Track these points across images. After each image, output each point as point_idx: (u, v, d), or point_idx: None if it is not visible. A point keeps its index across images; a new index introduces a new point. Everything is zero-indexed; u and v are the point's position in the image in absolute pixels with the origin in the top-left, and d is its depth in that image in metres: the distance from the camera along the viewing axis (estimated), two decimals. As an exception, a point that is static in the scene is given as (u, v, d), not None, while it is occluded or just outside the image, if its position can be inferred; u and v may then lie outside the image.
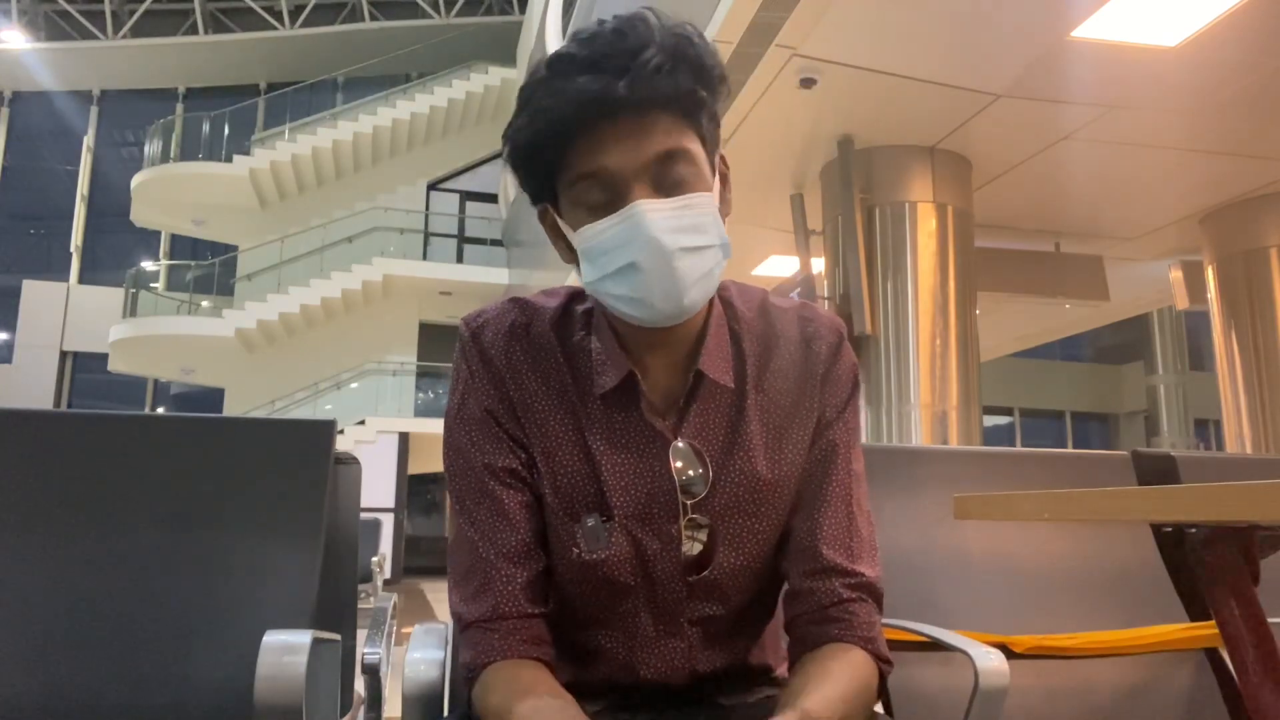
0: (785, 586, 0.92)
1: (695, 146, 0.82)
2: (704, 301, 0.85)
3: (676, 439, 0.87)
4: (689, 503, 0.87)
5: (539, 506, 0.89)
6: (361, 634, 1.53)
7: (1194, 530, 0.94)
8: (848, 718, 0.79)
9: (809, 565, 0.89)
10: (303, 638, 1.06)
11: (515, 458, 0.88)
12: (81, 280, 16.53)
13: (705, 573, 0.89)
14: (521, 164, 0.84)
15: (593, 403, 0.88)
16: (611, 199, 0.80)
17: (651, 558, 0.87)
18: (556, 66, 0.80)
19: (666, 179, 0.80)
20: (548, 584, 0.89)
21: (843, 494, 0.91)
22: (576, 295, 0.93)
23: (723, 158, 0.89)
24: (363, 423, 12.66)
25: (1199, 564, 0.94)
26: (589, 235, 0.81)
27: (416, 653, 1.06)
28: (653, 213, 0.79)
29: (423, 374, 14.49)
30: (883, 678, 0.88)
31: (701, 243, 0.81)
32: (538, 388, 0.89)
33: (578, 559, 0.87)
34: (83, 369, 16.03)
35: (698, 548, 0.88)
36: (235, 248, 15.15)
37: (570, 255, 0.86)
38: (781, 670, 0.99)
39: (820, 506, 0.90)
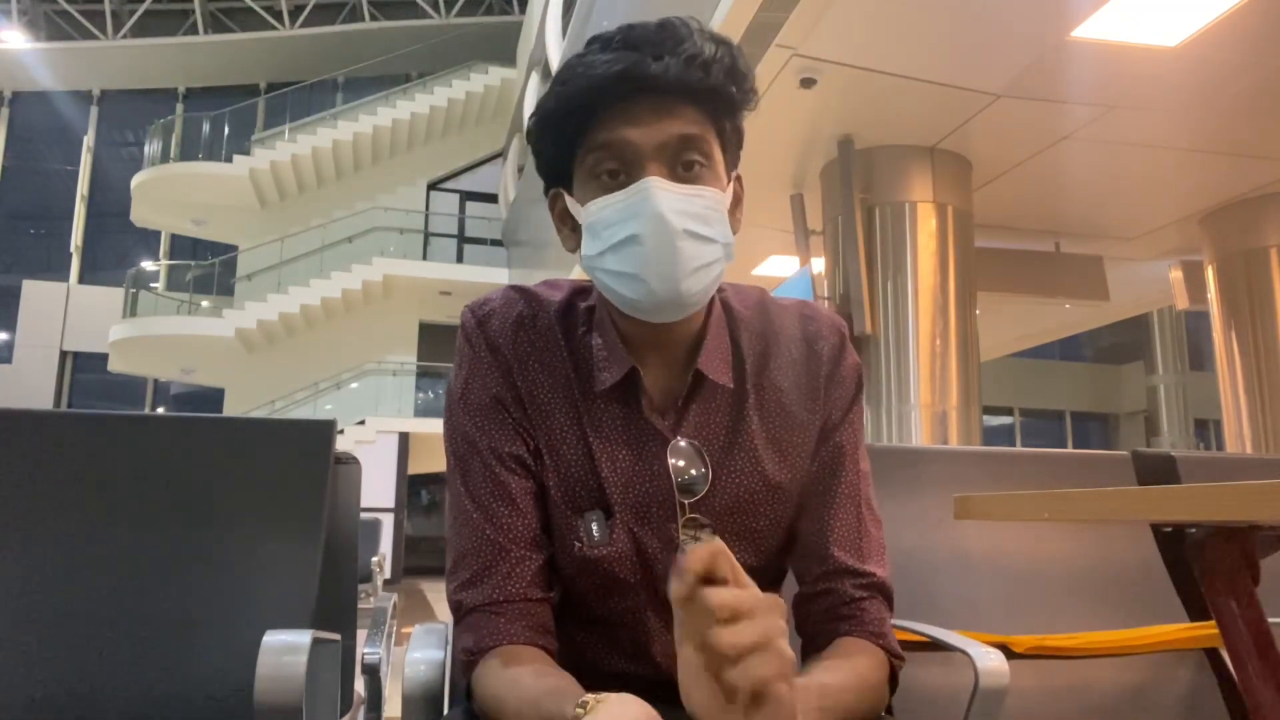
0: (796, 591, 0.92)
1: (714, 145, 0.83)
2: (701, 297, 0.84)
3: (676, 438, 0.87)
4: (687, 502, 0.87)
5: (543, 496, 0.89)
6: (361, 634, 1.54)
7: (1194, 530, 0.94)
8: (862, 698, 0.80)
9: (820, 567, 0.89)
10: (303, 638, 1.06)
11: (522, 445, 0.88)
12: (81, 280, 16.52)
13: None
14: (546, 132, 0.84)
15: (593, 399, 0.88)
16: (626, 173, 0.81)
17: (652, 556, 0.87)
18: (594, 45, 0.81)
19: (682, 165, 0.81)
20: (552, 573, 0.89)
21: (851, 495, 0.91)
22: (580, 291, 0.93)
23: (739, 178, 0.89)
24: (363, 423, 12.65)
25: (1199, 564, 0.94)
26: (597, 207, 0.81)
27: (416, 653, 1.06)
28: (663, 190, 0.79)
29: (423, 374, 14.48)
30: (894, 673, 0.88)
31: (706, 233, 0.81)
32: (542, 380, 0.88)
33: (579, 553, 0.87)
34: (83, 369, 16.02)
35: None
36: (235, 248, 15.14)
37: (575, 242, 0.86)
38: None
39: (829, 508, 0.90)
